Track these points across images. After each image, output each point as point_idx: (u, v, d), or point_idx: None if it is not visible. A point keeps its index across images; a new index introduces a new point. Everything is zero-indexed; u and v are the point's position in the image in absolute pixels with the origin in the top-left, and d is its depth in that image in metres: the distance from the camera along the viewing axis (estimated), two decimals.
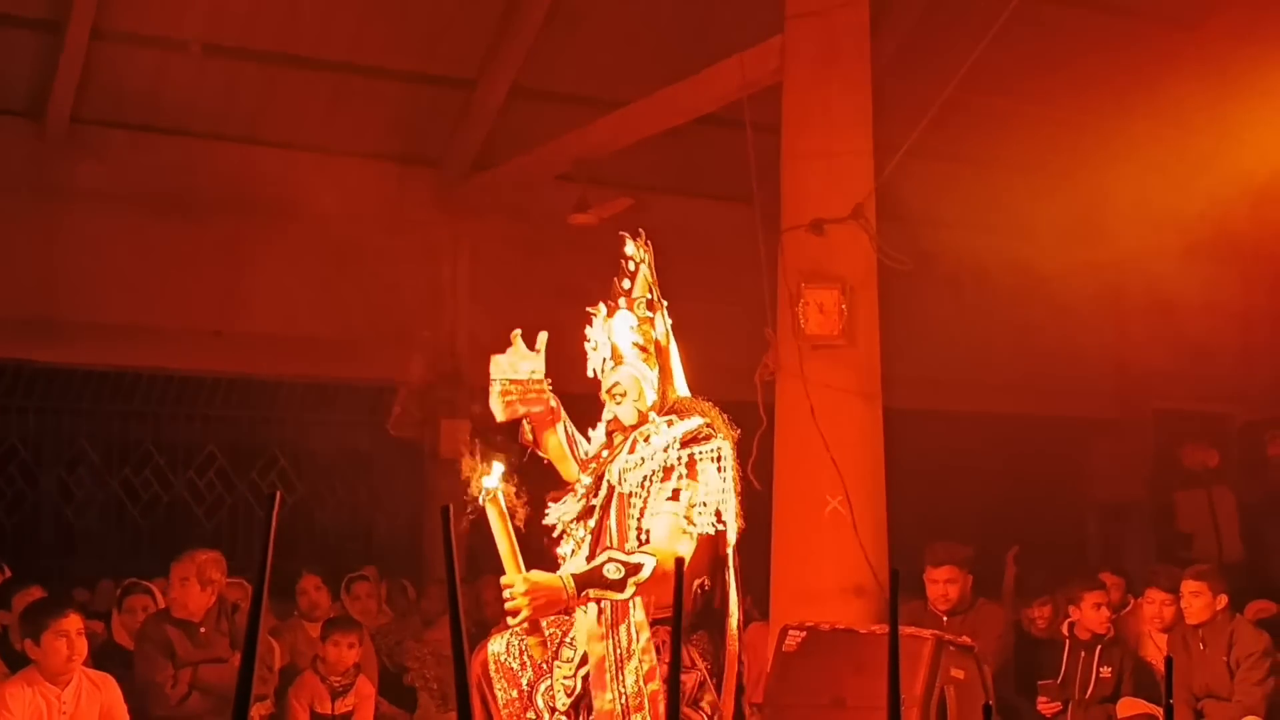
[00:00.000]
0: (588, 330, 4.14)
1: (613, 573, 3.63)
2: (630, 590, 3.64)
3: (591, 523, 3.93)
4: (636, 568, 3.64)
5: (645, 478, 3.84)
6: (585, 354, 4.16)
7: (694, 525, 3.79)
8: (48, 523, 9.76)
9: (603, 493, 3.94)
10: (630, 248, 4.14)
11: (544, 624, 3.80)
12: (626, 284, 4.14)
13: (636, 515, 3.86)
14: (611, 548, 3.81)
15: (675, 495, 3.80)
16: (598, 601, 3.78)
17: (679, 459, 3.83)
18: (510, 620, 3.69)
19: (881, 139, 7.60)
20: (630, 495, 3.85)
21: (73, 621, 5.74)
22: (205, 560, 6.56)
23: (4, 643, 6.86)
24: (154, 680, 6.25)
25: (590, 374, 4.12)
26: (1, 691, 5.67)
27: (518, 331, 4.15)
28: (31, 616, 5.87)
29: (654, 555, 3.66)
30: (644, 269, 4.12)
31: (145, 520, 9.96)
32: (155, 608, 6.98)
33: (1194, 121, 9.09)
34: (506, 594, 3.66)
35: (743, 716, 3.97)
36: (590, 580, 3.66)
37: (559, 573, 3.76)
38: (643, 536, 3.82)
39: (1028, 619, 8.25)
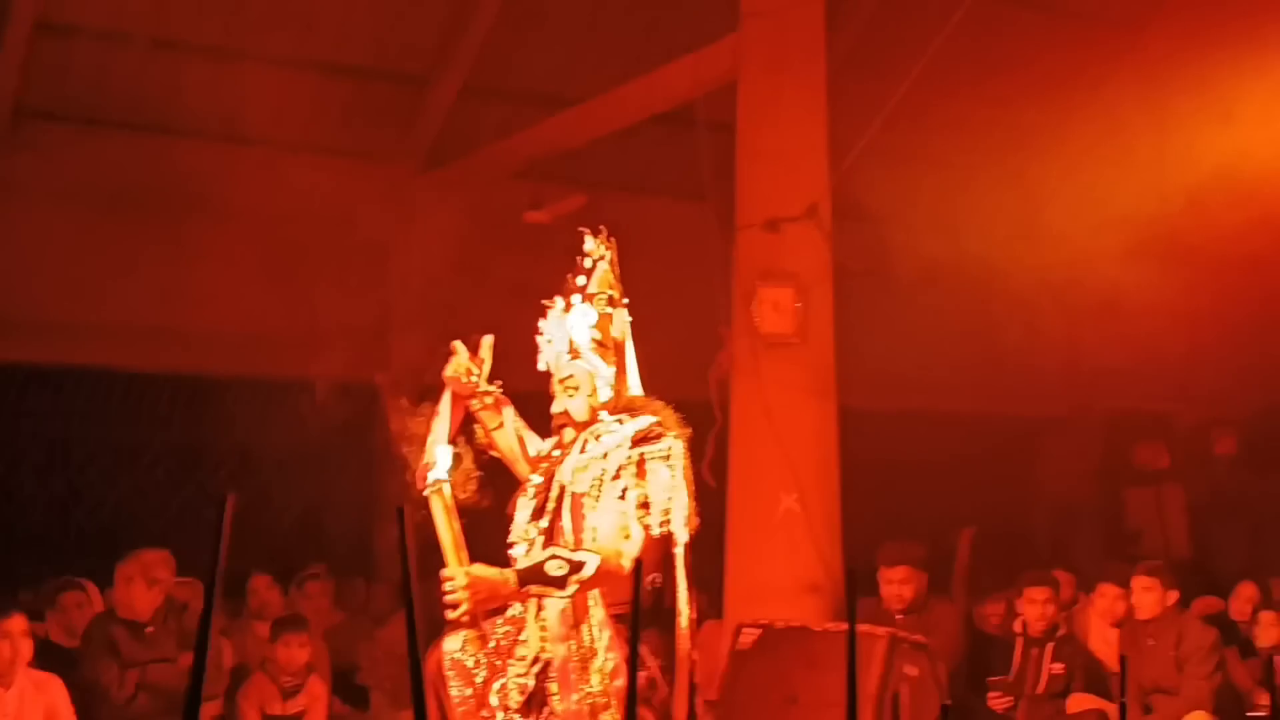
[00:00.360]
0: (542, 324, 4.11)
1: (555, 569, 3.61)
2: (572, 588, 3.62)
3: (544, 522, 3.90)
4: (579, 565, 3.62)
5: (596, 478, 3.81)
6: (538, 352, 4.13)
7: (640, 525, 3.76)
8: None
9: (554, 492, 3.91)
10: (590, 244, 4.11)
11: (485, 620, 3.77)
12: (581, 280, 4.11)
13: (589, 515, 3.83)
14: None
15: (623, 494, 3.78)
16: (538, 598, 3.75)
17: (628, 458, 3.81)
18: (450, 614, 3.66)
19: (836, 138, 7.62)
20: (583, 495, 3.83)
21: (17, 623, 5.65)
22: (151, 560, 6.48)
23: None
24: (100, 681, 6.16)
25: (542, 367, 4.09)
26: None
27: (457, 343, 4.11)
28: None
29: (598, 554, 3.64)
30: (604, 265, 4.10)
31: (90, 521, 9.82)
32: (89, 604, 6.89)
33: (1139, 123, 9.18)
34: (447, 586, 3.62)
35: (695, 715, 3.95)
36: (533, 576, 3.64)
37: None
38: (593, 535, 3.79)
39: (980, 616, 8.29)
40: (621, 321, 4.12)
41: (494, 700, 3.85)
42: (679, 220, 9.30)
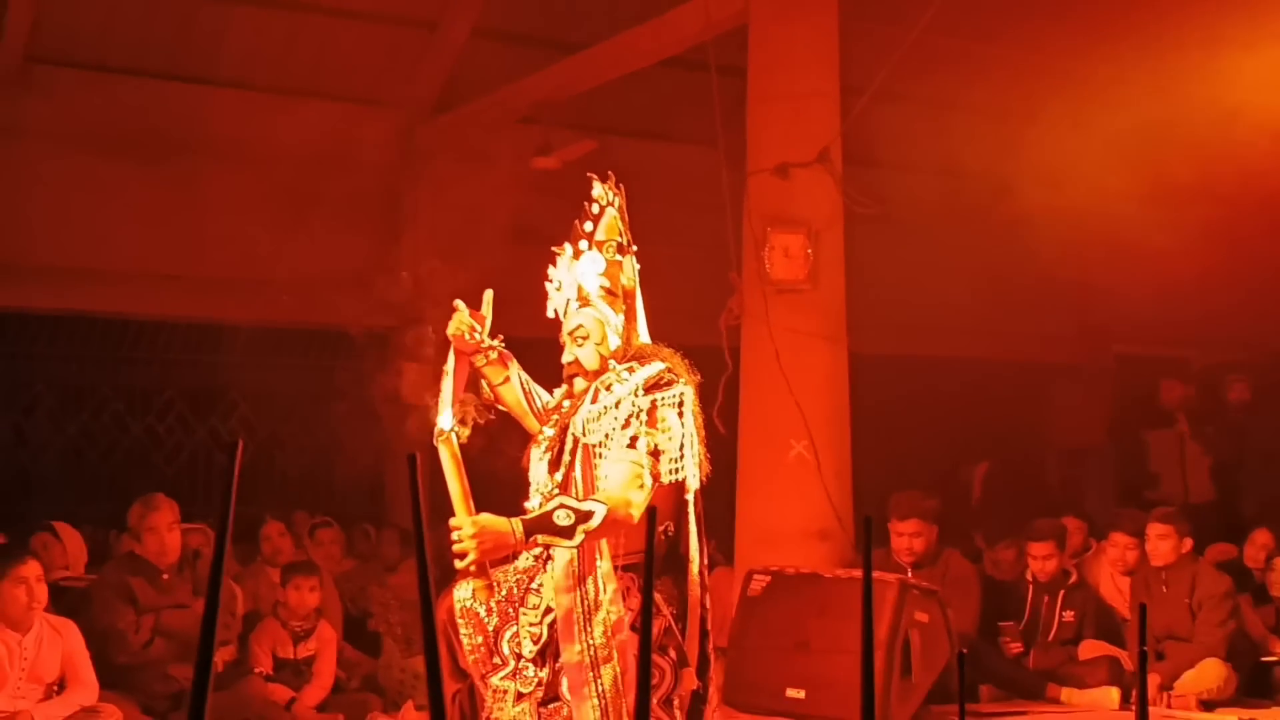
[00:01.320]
0: (551, 270, 4.07)
1: (562, 519, 3.60)
2: (579, 538, 3.61)
3: (559, 475, 3.87)
4: (587, 515, 3.60)
5: (608, 428, 3.79)
6: (546, 297, 4.10)
7: (653, 473, 3.74)
8: (4, 468, 9.65)
9: (569, 444, 3.89)
10: (598, 190, 4.07)
11: (494, 569, 3.77)
12: (589, 226, 4.07)
13: (600, 465, 3.82)
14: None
15: (633, 443, 3.76)
16: (545, 547, 3.75)
17: (638, 406, 3.78)
18: (457, 563, 3.66)
19: (848, 82, 7.55)
20: (596, 446, 3.81)
21: (31, 568, 5.69)
22: (173, 505, 6.52)
23: None
24: (116, 626, 6.21)
25: (551, 314, 4.05)
26: None
27: (458, 301, 4.07)
28: None
29: (605, 503, 3.62)
30: (612, 212, 4.06)
31: (103, 465, 9.87)
32: (59, 547, 7.01)
33: (1153, 65, 9.06)
34: (455, 536, 3.62)
35: (707, 661, 3.95)
36: (539, 525, 3.62)
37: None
38: (603, 485, 3.78)
39: (992, 561, 8.30)
40: (630, 269, 4.08)
41: (505, 649, 3.85)
42: (689, 165, 9.24)
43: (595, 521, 3.60)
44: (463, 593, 3.89)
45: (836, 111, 7.52)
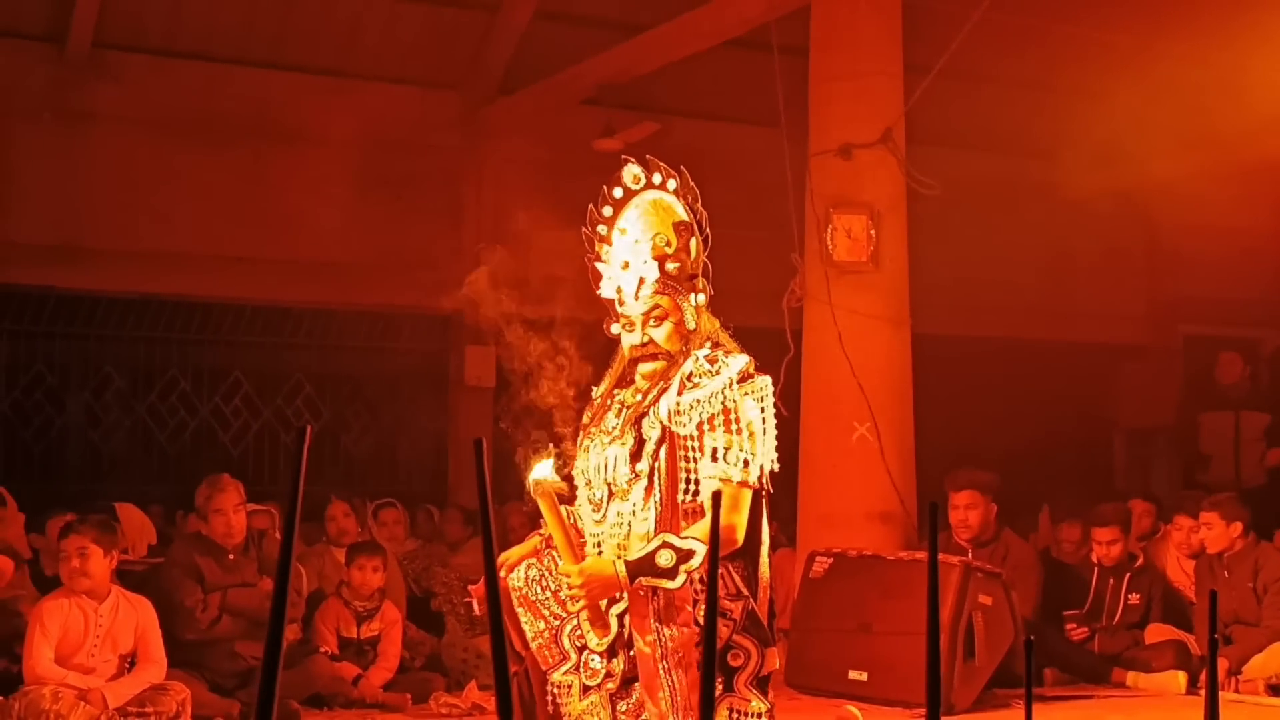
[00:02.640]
0: (609, 250, 4.01)
1: (665, 560, 3.61)
2: (681, 579, 3.61)
3: (641, 465, 3.81)
4: (688, 555, 3.61)
5: (703, 419, 3.75)
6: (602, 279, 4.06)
7: (746, 485, 3.71)
8: (75, 448, 9.81)
9: (649, 434, 3.82)
10: (629, 174, 4.03)
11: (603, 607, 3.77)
12: (607, 210, 4.04)
13: (688, 460, 3.78)
14: (663, 522, 3.71)
15: (715, 455, 3.72)
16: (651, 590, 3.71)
17: (732, 402, 3.74)
18: (571, 607, 3.71)
19: (911, 60, 7.49)
20: (685, 439, 3.77)
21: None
22: (239, 485, 6.62)
23: (35, 568, 6.92)
24: (183, 604, 6.30)
25: (613, 294, 3.99)
26: (40, 607, 5.75)
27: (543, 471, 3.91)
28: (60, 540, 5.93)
29: (705, 542, 3.62)
30: (663, 196, 4.01)
31: (171, 446, 10.00)
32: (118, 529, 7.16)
33: (1227, 41, 8.91)
34: (563, 583, 3.68)
35: (771, 641, 3.95)
36: (643, 568, 3.63)
37: (614, 558, 3.71)
38: (693, 487, 3.76)
39: (1056, 543, 8.24)
40: (697, 249, 4.05)
41: (566, 643, 3.87)
42: (751, 146, 9.21)
43: (696, 561, 3.60)
44: (515, 580, 3.90)
45: (900, 91, 7.47)
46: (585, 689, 3.83)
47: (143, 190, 9.40)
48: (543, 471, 3.71)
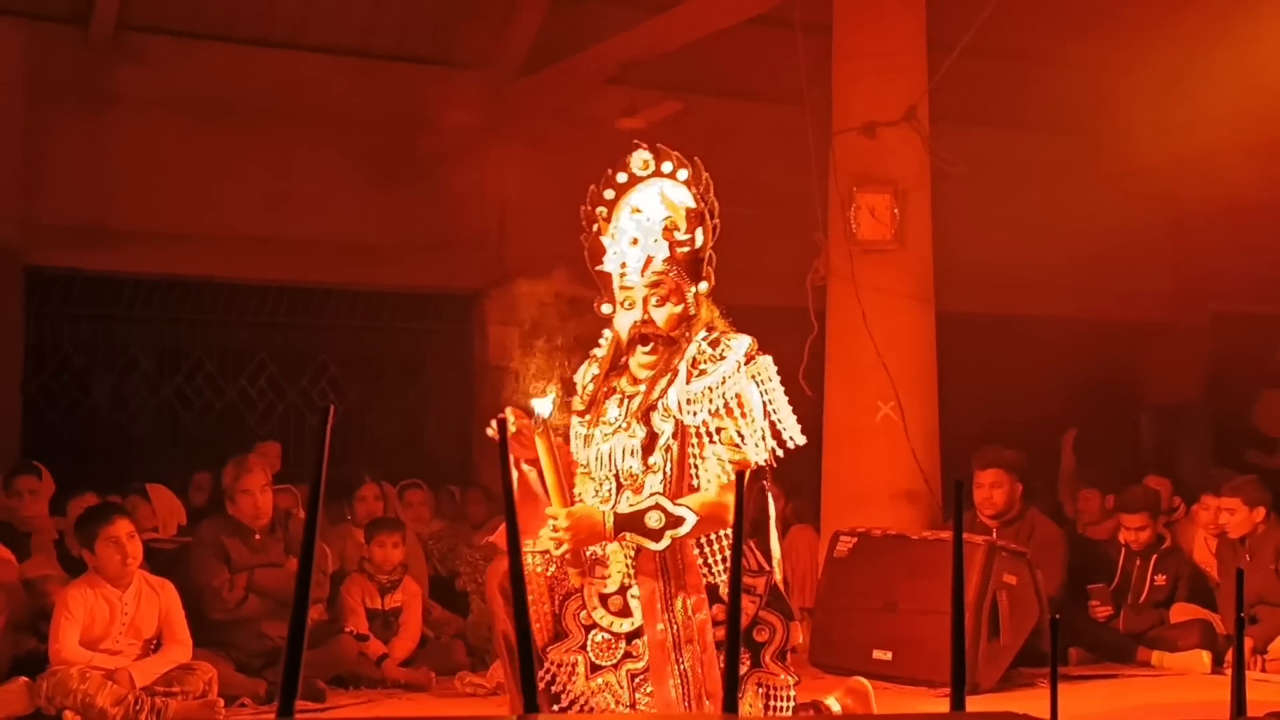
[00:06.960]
0: (628, 227, 4.01)
1: (654, 521, 3.64)
2: (665, 542, 3.64)
3: (654, 459, 3.80)
4: (677, 521, 3.64)
5: (713, 409, 3.74)
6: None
7: (736, 465, 3.71)
8: (102, 430, 9.85)
9: (660, 424, 3.81)
10: (637, 160, 4.06)
11: (584, 552, 3.79)
12: (609, 194, 4.07)
13: (697, 449, 3.78)
14: (661, 492, 3.72)
15: (719, 433, 3.73)
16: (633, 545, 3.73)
17: (734, 392, 3.74)
18: (554, 550, 3.72)
19: (935, 37, 7.45)
20: (696, 429, 3.77)
21: (122, 526, 5.83)
22: (265, 467, 6.67)
23: (62, 547, 6.97)
24: (210, 584, 6.35)
25: (616, 269, 3.98)
26: (65, 594, 5.79)
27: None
28: (83, 524, 5.98)
29: (697, 513, 3.63)
30: (673, 185, 4.03)
31: (198, 427, 10.04)
32: (147, 508, 7.21)
33: (1254, 12, 8.83)
34: (550, 525, 3.67)
35: (794, 615, 3.97)
36: (630, 523, 3.65)
37: (604, 507, 3.73)
38: (700, 473, 3.76)
39: (1077, 512, 8.21)
40: (705, 236, 4.05)
41: (568, 622, 3.88)
42: (774, 124, 9.17)
43: (684, 529, 3.63)
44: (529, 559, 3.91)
45: (924, 68, 7.43)
46: (595, 668, 3.83)
47: (167, 172, 9.42)
48: (543, 408, 3.70)
